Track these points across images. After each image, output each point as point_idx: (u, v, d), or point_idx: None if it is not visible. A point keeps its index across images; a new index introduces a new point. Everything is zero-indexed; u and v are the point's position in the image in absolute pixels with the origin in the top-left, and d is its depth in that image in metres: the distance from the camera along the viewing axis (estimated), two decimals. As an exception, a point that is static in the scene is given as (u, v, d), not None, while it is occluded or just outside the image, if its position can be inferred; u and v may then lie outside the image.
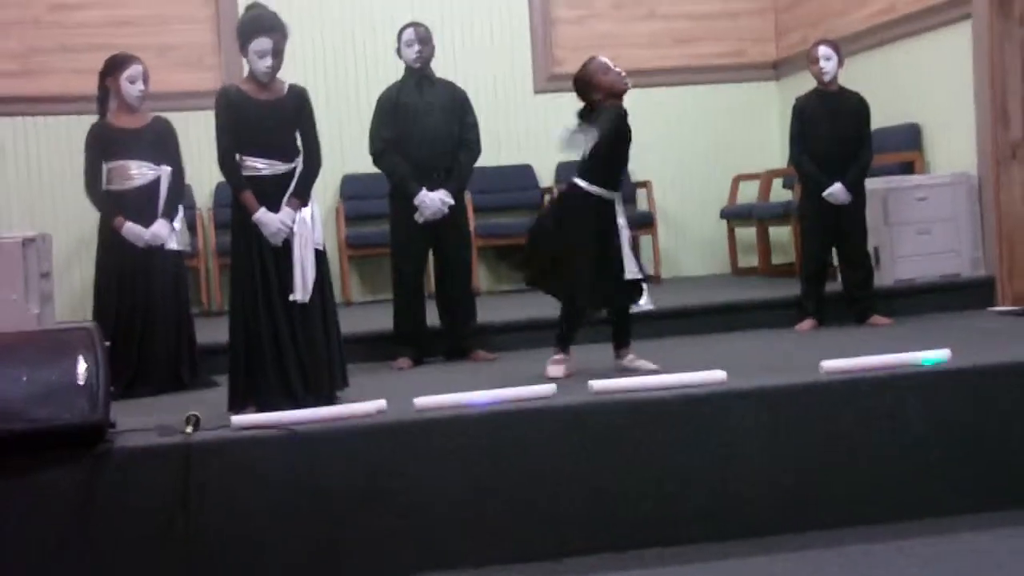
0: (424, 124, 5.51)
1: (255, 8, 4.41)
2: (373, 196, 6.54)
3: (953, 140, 6.56)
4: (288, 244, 4.32)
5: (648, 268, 4.95)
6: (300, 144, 4.43)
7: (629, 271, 4.68)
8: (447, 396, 3.98)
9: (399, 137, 5.51)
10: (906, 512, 3.92)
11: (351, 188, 7.89)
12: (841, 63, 5.94)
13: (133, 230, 5.19)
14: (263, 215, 4.30)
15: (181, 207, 5.42)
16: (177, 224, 5.33)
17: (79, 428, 3.58)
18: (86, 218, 5.64)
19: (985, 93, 6.09)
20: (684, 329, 5.82)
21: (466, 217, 5.93)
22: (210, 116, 4.42)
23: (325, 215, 6.78)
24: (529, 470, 3.81)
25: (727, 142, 8.34)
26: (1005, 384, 4.07)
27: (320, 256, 4.39)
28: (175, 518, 3.58)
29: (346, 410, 3.94)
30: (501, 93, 7.88)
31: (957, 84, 6.39)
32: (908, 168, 6.79)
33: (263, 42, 4.29)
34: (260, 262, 4.32)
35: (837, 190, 5.80)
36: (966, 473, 3.99)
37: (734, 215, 8.03)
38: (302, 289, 4.31)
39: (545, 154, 7.86)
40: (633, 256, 4.74)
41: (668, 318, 5.77)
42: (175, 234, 5.30)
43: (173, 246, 5.29)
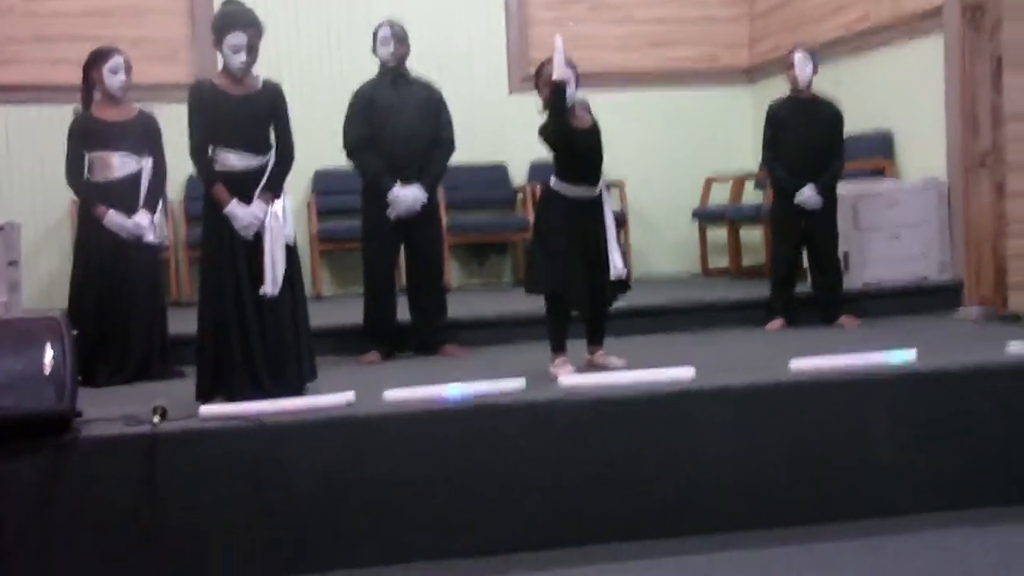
0: (398, 122, 5.51)
1: (231, 3, 4.41)
2: (346, 191, 6.53)
3: (923, 148, 6.61)
4: (259, 237, 4.31)
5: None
6: (273, 139, 4.42)
7: (614, 271, 4.65)
8: (416, 389, 3.98)
9: (373, 134, 5.50)
10: (872, 510, 3.95)
11: (324, 183, 7.88)
12: (816, 70, 5.97)
13: (115, 219, 5.18)
14: (235, 208, 4.29)
15: (162, 201, 5.41)
16: (157, 217, 5.32)
17: (45, 417, 3.57)
18: (56, 207, 5.60)
19: (955, 103, 6.15)
20: (654, 328, 5.83)
21: (439, 214, 5.94)
22: (183, 109, 4.40)
23: (297, 209, 6.77)
24: (497, 464, 3.81)
25: (700, 144, 8.37)
26: (970, 384, 4.11)
27: (291, 250, 4.39)
28: (140, 508, 3.57)
29: (314, 402, 3.94)
30: (476, 93, 7.89)
31: (928, 93, 6.45)
32: (879, 175, 6.84)
33: (238, 37, 4.28)
34: (231, 255, 4.31)
35: (808, 194, 5.84)
36: (931, 472, 4.03)
37: (706, 216, 8.07)
38: (272, 283, 4.30)
39: (518, 153, 7.90)
40: (619, 253, 4.66)
41: (638, 316, 5.79)
42: (154, 227, 5.29)
43: (151, 239, 5.28)
